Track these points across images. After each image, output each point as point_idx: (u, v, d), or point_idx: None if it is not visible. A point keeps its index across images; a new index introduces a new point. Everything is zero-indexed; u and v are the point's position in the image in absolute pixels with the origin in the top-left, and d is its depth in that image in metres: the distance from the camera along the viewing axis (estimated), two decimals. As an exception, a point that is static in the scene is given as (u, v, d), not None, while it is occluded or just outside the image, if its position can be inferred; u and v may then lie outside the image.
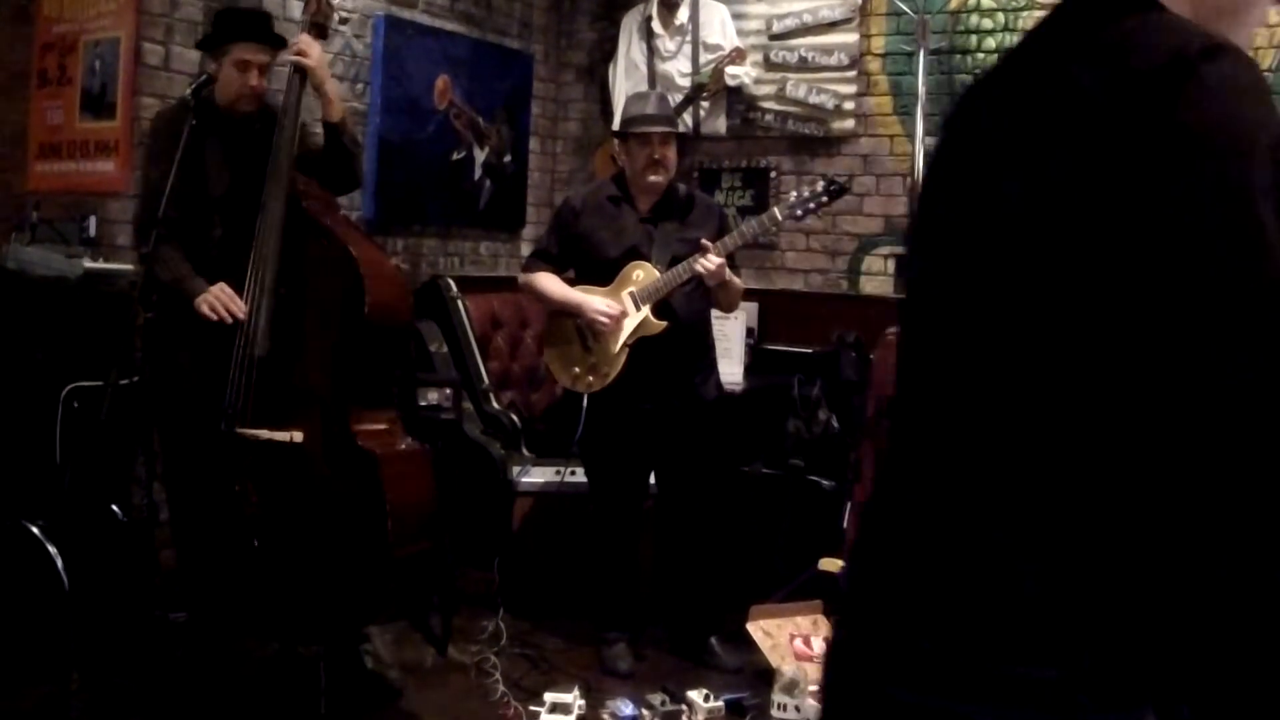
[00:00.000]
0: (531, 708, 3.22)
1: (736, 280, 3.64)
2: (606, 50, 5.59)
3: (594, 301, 3.60)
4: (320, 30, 3.28)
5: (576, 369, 3.67)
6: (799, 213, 3.57)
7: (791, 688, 3.25)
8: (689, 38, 5.19)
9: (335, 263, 3.08)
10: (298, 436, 3.00)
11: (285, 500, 3.06)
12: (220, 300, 3.06)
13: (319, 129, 3.34)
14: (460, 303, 4.77)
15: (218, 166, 3.22)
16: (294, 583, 3.04)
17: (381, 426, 3.15)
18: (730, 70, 5.11)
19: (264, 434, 3.02)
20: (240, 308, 3.06)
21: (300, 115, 3.20)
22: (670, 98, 4.67)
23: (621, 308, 3.59)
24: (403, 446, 3.16)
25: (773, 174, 5.26)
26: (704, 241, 3.48)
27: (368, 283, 3.05)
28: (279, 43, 3.29)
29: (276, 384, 3.08)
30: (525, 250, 4.13)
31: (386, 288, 3.13)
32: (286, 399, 3.08)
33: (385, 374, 3.28)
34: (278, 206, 3.09)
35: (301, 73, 3.18)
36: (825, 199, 3.54)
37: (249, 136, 3.23)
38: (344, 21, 4.52)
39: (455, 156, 5.15)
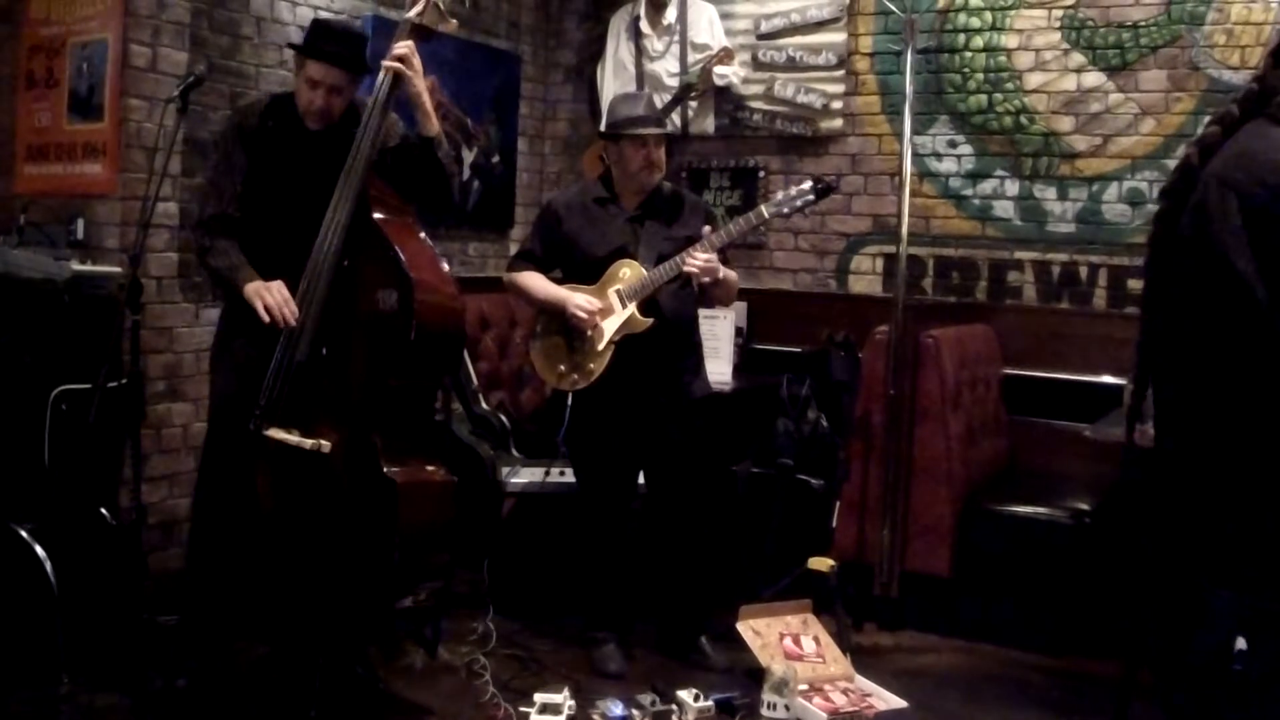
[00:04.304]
0: (521, 708, 3.22)
1: (731, 274, 3.65)
2: (595, 50, 5.59)
3: (575, 298, 3.60)
4: (425, 33, 3.11)
5: (561, 367, 3.67)
6: (786, 211, 3.57)
7: (781, 687, 3.26)
8: (677, 37, 5.20)
9: (389, 282, 2.95)
10: (325, 446, 2.93)
11: (301, 505, 3.03)
12: (276, 302, 3.00)
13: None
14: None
15: (287, 171, 3.15)
16: (297, 588, 3.04)
17: (409, 452, 3.02)
18: (718, 70, 5.12)
19: (292, 438, 2.96)
20: (294, 313, 3.01)
21: (386, 120, 3.07)
22: (658, 98, 4.68)
23: (602, 304, 3.59)
24: (426, 477, 3.03)
25: (761, 174, 5.27)
26: (704, 232, 3.50)
27: (419, 308, 2.91)
28: (359, 69, 3.14)
29: (313, 390, 3.03)
30: (514, 251, 4.14)
31: (438, 315, 2.99)
32: (320, 407, 3.03)
33: (424, 399, 3.19)
34: (346, 210, 2.99)
35: (397, 78, 3.04)
36: (813, 198, 3.54)
37: (323, 146, 3.13)
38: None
39: (444, 157, 5.14)
